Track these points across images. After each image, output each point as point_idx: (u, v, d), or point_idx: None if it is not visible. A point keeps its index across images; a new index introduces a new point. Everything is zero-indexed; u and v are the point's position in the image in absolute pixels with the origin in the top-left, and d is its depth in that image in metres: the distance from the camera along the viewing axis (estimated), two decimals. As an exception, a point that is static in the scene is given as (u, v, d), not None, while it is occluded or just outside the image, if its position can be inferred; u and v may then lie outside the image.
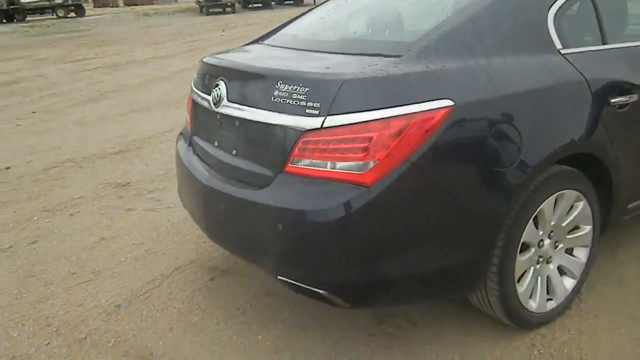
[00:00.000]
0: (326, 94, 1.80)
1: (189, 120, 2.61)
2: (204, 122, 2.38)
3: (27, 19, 27.85)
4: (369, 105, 1.77)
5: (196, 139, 2.47)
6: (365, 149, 1.74)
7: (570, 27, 2.22)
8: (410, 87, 1.81)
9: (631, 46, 2.38)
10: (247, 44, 2.74)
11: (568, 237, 2.27)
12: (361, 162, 1.75)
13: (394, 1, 2.67)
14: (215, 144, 2.27)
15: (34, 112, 6.83)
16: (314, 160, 1.82)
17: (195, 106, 2.47)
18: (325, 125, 1.78)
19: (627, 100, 2.23)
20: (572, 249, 2.34)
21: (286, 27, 2.75)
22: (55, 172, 4.50)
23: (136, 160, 4.65)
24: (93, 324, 2.43)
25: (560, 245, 2.27)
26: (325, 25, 2.61)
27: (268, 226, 1.92)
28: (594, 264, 2.63)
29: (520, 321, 2.19)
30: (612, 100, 2.18)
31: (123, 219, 3.52)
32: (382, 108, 1.76)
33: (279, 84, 1.92)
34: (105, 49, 13.69)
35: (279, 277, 1.97)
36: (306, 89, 1.85)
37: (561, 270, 2.31)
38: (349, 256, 1.81)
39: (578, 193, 2.19)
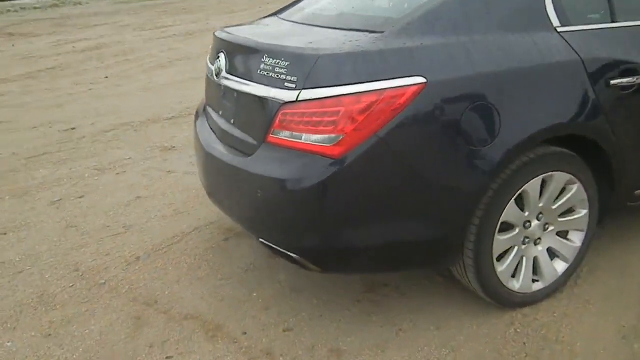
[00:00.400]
0: (302, 68, 1.90)
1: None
2: (212, 93, 2.55)
3: None
4: (341, 80, 1.84)
5: (208, 108, 2.64)
6: (334, 123, 1.83)
7: (573, 4, 2.14)
8: (382, 63, 1.86)
9: None
10: (264, 17, 2.85)
11: (560, 219, 2.25)
12: (331, 135, 1.84)
13: None
14: (220, 113, 2.43)
15: (107, 77, 7.32)
16: (291, 132, 1.93)
17: (207, 77, 2.63)
18: (300, 98, 1.88)
19: (634, 82, 2.15)
20: (567, 231, 2.31)
21: (303, 0, 2.83)
22: (112, 134, 4.88)
23: (184, 126, 4.94)
24: (113, 272, 2.72)
25: (551, 228, 2.25)
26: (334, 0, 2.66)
27: (250, 192, 2.06)
28: (601, 249, 2.59)
29: (499, 299, 2.21)
30: (613, 82, 2.10)
31: (161, 180, 3.81)
32: (353, 83, 1.83)
33: (264, 57, 2.04)
34: (183, 17, 14.22)
35: (260, 239, 2.12)
36: (286, 62, 1.95)
37: (552, 253, 2.30)
38: (318, 223, 1.92)
39: (570, 176, 2.15)
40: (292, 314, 2.34)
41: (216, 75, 2.33)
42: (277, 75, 1.96)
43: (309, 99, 1.87)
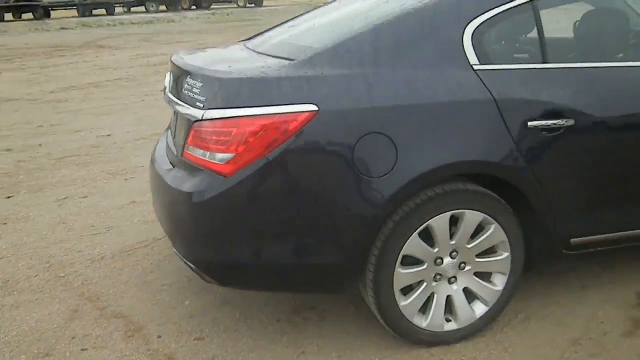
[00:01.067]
0: (210, 90, 2.02)
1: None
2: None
3: (212, 6, 30.85)
4: (239, 102, 1.94)
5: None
6: (228, 142, 1.92)
7: (498, 43, 2.11)
8: (279, 89, 1.93)
9: (581, 67, 2.16)
10: (235, 42, 3.01)
11: (478, 260, 2.18)
12: (224, 154, 1.94)
13: (362, 11, 2.67)
14: (171, 130, 2.59)
15: (162, 90, 7.83)
16: (198, 149, 2.05)
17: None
18: (204, 117, 1.99)
19: (558, 124, 2.06)
20: (490, 274, 2.24)
21: (270, 30, 2.94)
22: (140, 143, 5.23)
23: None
24: (76, 267, 2.94)
25: (468, 267, 2.18)
26: (289, 29, 2.74)
27: (165, 203, 2.20)
28: (547, 296, 2.48)
29: (403, 334, 2.17)
30: (532, 123, 2.03)
31: (161, 188, 4.04)
32: (249, 106, 1.92)
33: (188, 78, 2.18)
34: (260, 38, 14.87)
35: (173, 249, 2.24)
36: (201, 84, 2.08)
37: (470, 294, 2.23)
38: (209, 237, 2.01)
39: (484, 215, 2.09)
40: (211, 324, 2.42)
41: (164, 93, 2.51)
42: (193, 95, 2.09)
43: (211, 119, 1.98)
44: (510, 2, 2.08)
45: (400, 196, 1.96)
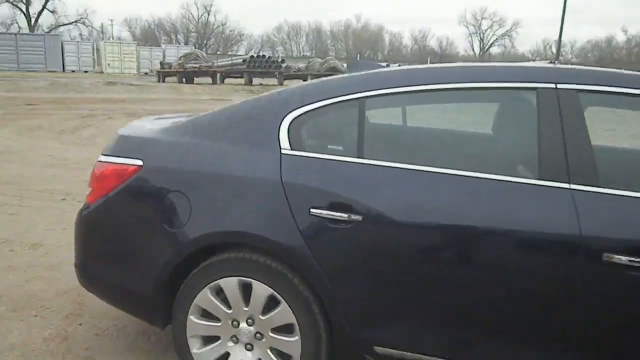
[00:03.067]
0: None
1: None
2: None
3: None
4: (109, 151, 2.48)
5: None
6: (91, 178, 2.49)
7: (316, 134, 2.21)
8: (124, 145, 2.41)
9: (391, 166, 2.08)
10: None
11: (272, 335, 2.23)
12: (90, 188, 2.50)
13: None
14: None
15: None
16: (96, 181, 2.66)
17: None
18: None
19: (343, 218, 2.05)
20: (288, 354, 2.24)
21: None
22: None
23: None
24: (16, 250, 3.79)
25: (264, 340, 2.25)
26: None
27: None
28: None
29: (196, 380, 2.33)
30: (315, 211, 2.07)
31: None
32: (107, 155, 2.44)
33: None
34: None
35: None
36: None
37: (269, 368, 2.27)
38: (77, 247, 2.55)
39: (272, 291, 2.17)
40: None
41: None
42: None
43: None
44: (332, 97, 2.20)
45: (186, 250, 2.22)
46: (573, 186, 1.93)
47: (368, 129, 2.18)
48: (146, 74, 35.60)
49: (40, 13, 54.59)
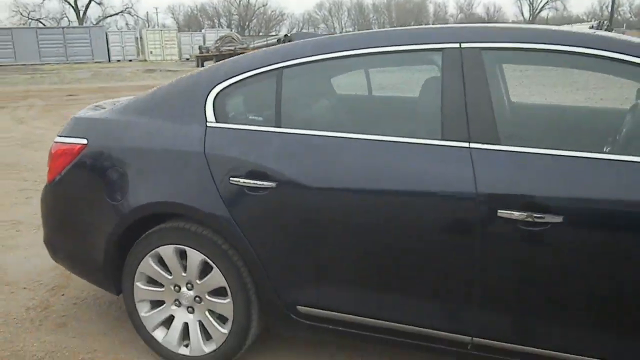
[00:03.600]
0: None
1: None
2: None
3: None
4: (62, 133, 2.65)
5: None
6: (48, 159, 2.67)
7: (237, 106, 2.29)
8: (76, 126, 2.57)
9: (308, 134, 2.15)
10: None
11: (209, 298, 2.37)
12: (48, 167, 2.69)
13: None
14: None
15: None
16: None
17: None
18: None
19: (258, 185, 2.15)
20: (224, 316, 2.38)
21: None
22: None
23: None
24: None
25: (202, 303, 2.39)
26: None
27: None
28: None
29: (146, 342, 2.51)
30: (234, 179, 2.17)
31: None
32: (62, 136, 2.61)
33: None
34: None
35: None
36: None
37: (205, 328, 2.41)
38: (43, 224, 2.76)
39: (204, 257, 2.30)
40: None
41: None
42: (69, 125, 2.89)
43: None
44: (253, 70, 2.28)
45: (126, 221, 2.37)
46: (472, 145, 1.95)
47: (286, 99, 2.25)
48: (187, 59, 36.29)
49: (87, 6, 56.31)
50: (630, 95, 2.32)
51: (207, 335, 2.44)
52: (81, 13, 56.19)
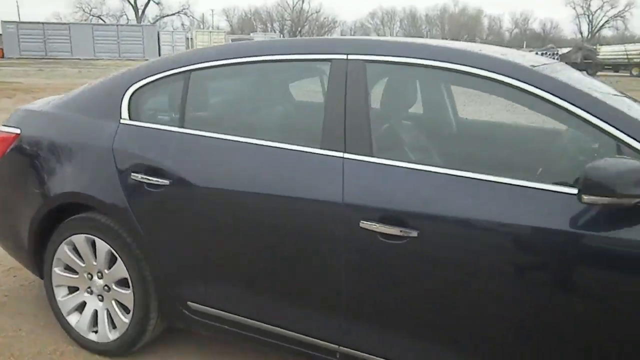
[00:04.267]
0: None
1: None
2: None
3: (598, 74, 28.00)
4: (4, 122, 2.81)
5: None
6: None
7: (150, 105, 2.39)
8: (14, 117, 2.74)
9: (203, 135, 2.23)
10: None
11: (115, 287, 2.47)
12: None
13: None
14: None
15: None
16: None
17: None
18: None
19: (155, 182, 2.24)
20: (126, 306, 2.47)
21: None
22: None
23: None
24: None
25: (110, 292, 2.49)
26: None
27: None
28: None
29: (63, 326, 2.64)
30: (134, 175, 2.27)
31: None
32: (4, 125, 2.77)
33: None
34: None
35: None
36: None
37: (111, 316, 2.51)
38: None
39: (109, 247, 2.40)
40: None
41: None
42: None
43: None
44: (166, 71, 2.37)
45: (44, 209, 2.50)
46: (346, 155, 1.97)
47: (190, 101, 2.34)
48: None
49: (146, 5, 58.39)
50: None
51: (113, 324, 2.54)
52: (140, 12, 58.27)
